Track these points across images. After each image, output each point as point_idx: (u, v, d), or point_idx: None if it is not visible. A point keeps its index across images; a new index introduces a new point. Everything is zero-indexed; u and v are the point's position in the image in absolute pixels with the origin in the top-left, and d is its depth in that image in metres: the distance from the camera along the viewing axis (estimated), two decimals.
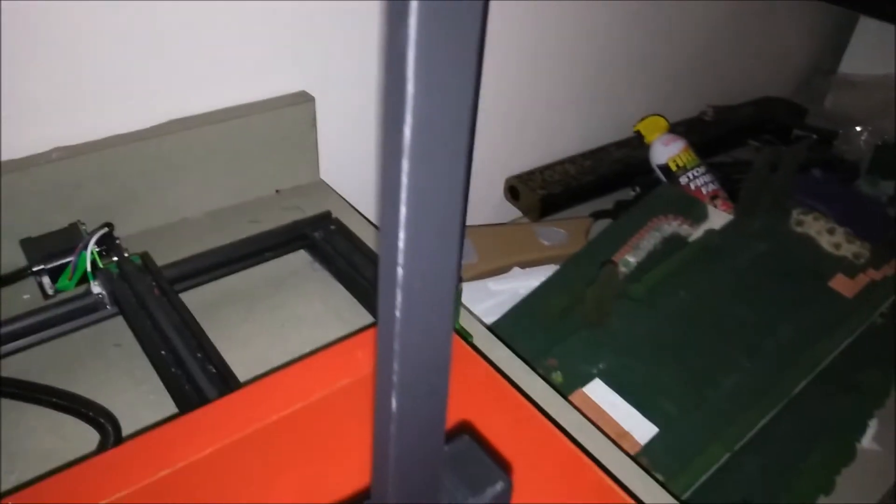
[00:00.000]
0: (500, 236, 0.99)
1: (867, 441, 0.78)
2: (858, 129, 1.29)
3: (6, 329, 0.53)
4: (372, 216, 0.77)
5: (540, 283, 0.88)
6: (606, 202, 1.09)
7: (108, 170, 0.63)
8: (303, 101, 0.74)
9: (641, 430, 0.70)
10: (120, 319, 0.58)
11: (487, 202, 1.10)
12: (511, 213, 1.11)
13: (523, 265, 0.96)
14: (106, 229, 0.59)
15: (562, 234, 0.98)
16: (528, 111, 1.06)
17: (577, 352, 0.77)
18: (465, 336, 0.61)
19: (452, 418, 0.30)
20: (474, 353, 0.48)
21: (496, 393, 0.46)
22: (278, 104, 0.73)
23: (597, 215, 1.05)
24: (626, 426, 0.70)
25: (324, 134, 0.78)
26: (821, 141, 1.26)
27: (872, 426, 0.78)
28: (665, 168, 1.03)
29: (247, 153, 0.72)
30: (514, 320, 0.83)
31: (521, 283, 0.91)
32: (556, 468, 0.42)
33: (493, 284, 0.93)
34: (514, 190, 1.08)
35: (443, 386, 0.25)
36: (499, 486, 0.29)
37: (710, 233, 0.88)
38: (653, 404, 0.71)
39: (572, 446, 0.43)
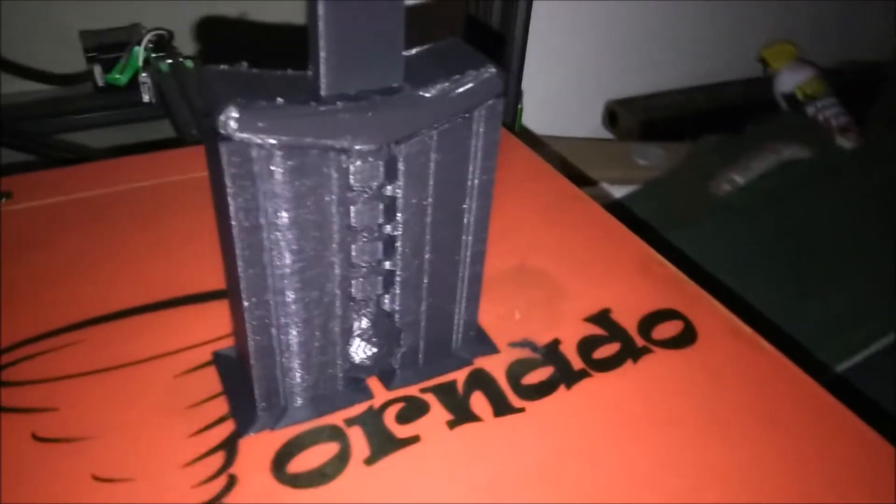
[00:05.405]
0: (592, 149, 0.91)
1: None
2: None
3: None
4: None
5: (628, 193, 0.80)
6: None
7: None
8: None
9: None
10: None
11: (581, 127, 1.02)
12: None
13: (612, 182, 0.87)
14: (164, 32, 0.57)
15: (660, 154, 0.89)
16: (636, 31, 0.98)
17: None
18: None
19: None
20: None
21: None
22: None
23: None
24: None
25: None
26: None
27: None
28: (790, 97, 0.92)
29: None
30: None
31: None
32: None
33: None
34: (613, 115, 0.99)
35: None
36: (486, 72, 0.23)
37: (836, 151, 0.76)
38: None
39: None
